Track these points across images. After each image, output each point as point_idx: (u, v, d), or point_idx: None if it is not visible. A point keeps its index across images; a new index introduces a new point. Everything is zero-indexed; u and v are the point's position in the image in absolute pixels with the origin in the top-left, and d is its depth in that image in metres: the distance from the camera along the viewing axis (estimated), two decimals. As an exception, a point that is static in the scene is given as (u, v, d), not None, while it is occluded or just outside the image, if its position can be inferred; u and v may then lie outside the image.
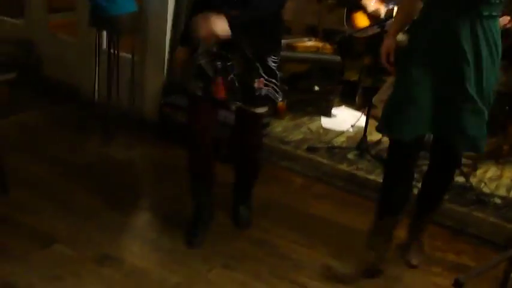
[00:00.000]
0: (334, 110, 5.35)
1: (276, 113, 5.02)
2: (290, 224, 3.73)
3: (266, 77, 3.15)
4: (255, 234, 3.58)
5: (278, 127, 4.90)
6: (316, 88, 5.55)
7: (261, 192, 3.96)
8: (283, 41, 4.98)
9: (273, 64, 3.17)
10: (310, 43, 5.17)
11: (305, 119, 5.20)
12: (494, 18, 2.86)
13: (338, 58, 5.21)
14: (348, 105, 5.57)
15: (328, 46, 5.16)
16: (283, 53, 4.93)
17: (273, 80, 3.19)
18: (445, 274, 3.45)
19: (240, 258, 3.33)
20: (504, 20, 4.49)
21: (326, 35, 5.64)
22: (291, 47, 5.11)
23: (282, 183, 4.26)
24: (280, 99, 3.34)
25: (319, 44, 5.17)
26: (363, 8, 5.23)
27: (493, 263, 3.27)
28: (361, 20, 5.21)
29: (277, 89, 3.26)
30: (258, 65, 3.12)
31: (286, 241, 3.55)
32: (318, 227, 3.76)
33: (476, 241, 3.82)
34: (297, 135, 4.80)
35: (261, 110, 3.28)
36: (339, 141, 4.75)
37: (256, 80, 3.14)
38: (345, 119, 5.17)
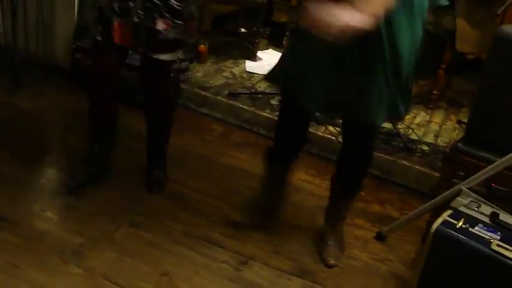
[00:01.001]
0: (260, 53, 5.09)
1: (196, 57, 4.74)
2: (206, 176, 3.52)
3: (171, 18, 2.84)
4: (168, 187, 3.34)
5: (199, 72, 4.62)
6: (243, 30, 5.31)
7: (177, 142, 3.71)
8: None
9: (177, 4, 2.84)
10: (232, -18, 4.88)
11: (228, 62, 4.92)
12: None
13: (264, -2, 4.93)
14: (276, 48, 5.31)
15: (252, -15, 4.87)
16: (205, -7, 4.72)
17: (180, 22, 2.87)
18: (367, 226, 3.32)
19: (151, 215, 3.10)
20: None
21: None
22: (213, -13, 4.81)
23: (201, 132, 4.02)
24: (192, 41, 3.04)
25: (243, -17, 4.88)
26: None
27: (415, 214, 3.15)
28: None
29: (187, 31, 2.95)
30: (159, 3, 2.80)
31: (201, 195, 3.33)
32: (236, 178, 3.56)
33: (402, 190, 3.70)
34: (218, 80, 4.52)
35: (167, 56, 2.95)
36: (263, 86, 4.51)
37: (158, 21, 2.82)
38: (270, 63, 4.88)
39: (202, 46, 4.77)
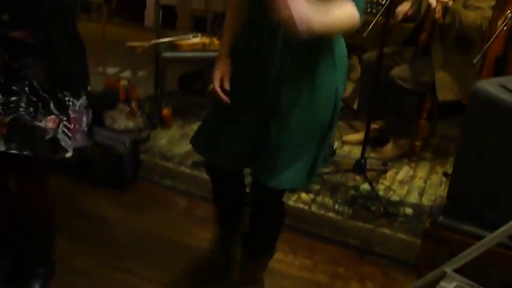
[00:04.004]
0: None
1: (161, 122, 4.42)
2: (165, 263, 3.12)
3: (58, 113, 2.40)
4: (120, 279, 2.97)
5: (163, 139, 4.27)
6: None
7: (135, 222, 3.38)
8: (166, 39, 4.45)
9: (68, 99, 2.42)
10: (195, 40, 4.55)
11: (195, 125, 4.48)
12: None
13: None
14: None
15: (215, 42, 4.53)
16: (166, 54, 4.39)
17: (64, 118, 2.41)
18: (346, 313, 2.95)
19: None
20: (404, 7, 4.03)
21: (213, 28, 5.08)
22: (174, 46, 4.48)
23: (162, 208, 3.64)
24: (72, 148, 2.47)
25: (206, 40, 4.54)
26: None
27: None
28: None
29: (69, 132, 2.44)
30: (47, 97, 2.37)
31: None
32: (199, 264, 3.18)
33: (385, 262, 3.32)
34: (183, 147, 4.16)
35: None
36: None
37: (43, 118, 2.37)
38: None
39: (166, 110, 4.45)
